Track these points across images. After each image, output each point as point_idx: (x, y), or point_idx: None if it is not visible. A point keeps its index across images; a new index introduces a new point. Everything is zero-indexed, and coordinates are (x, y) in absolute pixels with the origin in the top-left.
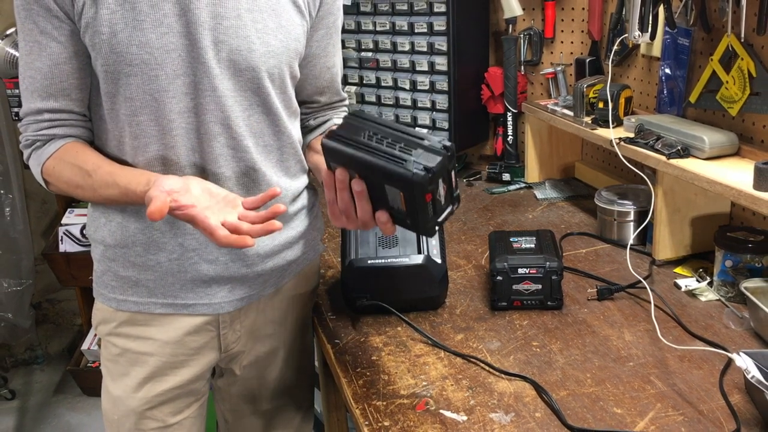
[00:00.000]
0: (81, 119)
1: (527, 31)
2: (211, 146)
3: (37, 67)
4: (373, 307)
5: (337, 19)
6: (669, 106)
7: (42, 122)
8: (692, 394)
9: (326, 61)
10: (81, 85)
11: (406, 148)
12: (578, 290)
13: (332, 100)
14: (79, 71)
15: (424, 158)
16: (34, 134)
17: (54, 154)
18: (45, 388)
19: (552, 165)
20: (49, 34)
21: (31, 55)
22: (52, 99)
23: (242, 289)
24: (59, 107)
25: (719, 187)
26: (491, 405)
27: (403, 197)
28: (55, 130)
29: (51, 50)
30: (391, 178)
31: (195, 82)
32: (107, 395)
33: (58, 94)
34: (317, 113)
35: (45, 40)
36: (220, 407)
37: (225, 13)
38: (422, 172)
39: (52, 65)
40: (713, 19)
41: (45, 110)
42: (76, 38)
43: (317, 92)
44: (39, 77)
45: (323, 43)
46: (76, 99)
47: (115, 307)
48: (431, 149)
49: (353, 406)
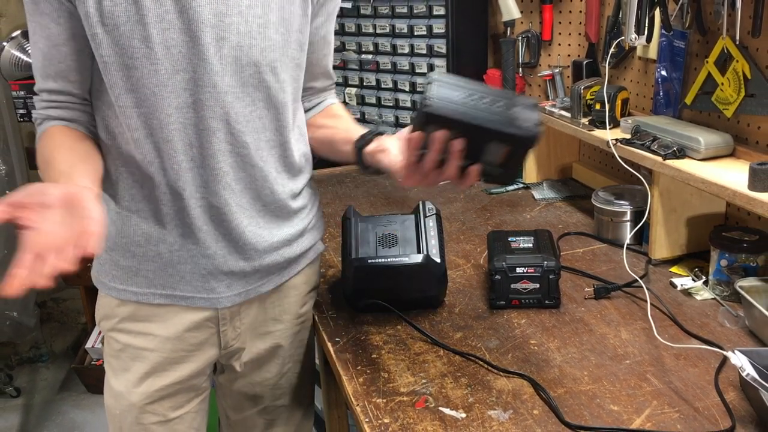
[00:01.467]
0: (78, 102)
1: (525, 34)
2: (209, 141)
3: (39, 47)
4: (373, 306)
5: (336, 6)
6: (665, 108)
7: (41, 101)
8: (688, 392)
9: (323, 47)
10: (79, 68)
11: (507, 107)
12: (575, 289)
13: (325, 85)
14: (77, 53)
15: (525, 114)
16: (37, 113)
17: (41, 136)
18: (50, 385)
19: (549, 166)
20: (48, 15)
21: (34, 35)
22: (50, 80)
23: (240, 284)
24: (57, 88)
25: (715, 187)
26: (490, 402)
27: (507, 152)
28: (50, 111)
29: (50, 31)
30: (501, 136)
31: (195, 78)
32: (109, 390)
33: (56, 75)
34: (310, 97)
35: (44, 20)
36: (222, 403)
37: (227, 11)
38: (534, 128)
39: (50, 46)
40: (708, 22)
41: (44, 90)
42: (75, 20)
43: (311, 78)
44: (40, 57)
45: (322, 31)
46: (75, 81)
47: (115, 296)
48: (526, 105)
49: (354, 403)
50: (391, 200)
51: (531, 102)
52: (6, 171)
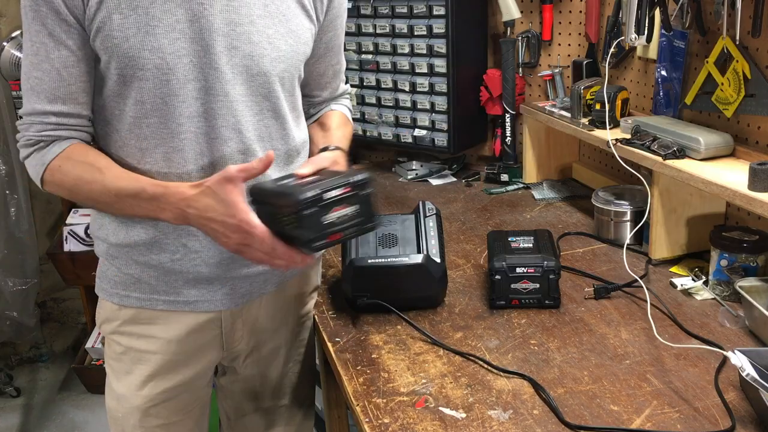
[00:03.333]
0: (86, 123)
1: (525, 34)
2: (221, 150)
3: (45, 69)
4: (374, 306)
5: (344, 19)
6: (665, 108)
7: (48, 124)
8: (688, 392)
9: (331, 59)
10: (87, 89)
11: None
12: (575, 289)
13: (333, 95)
14: (86, 75)
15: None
16: (38, 135)
17: (60, 154)
18: (50, 385)
19: (549, 166)
20: (56, 37)
21: (38, 56)
22: (59, 102)
23: (243, 287)
24: (67, 111)
25: (715, 187)
26: (490, 402)
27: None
28: (61, 132)
29: (59, 53)
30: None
31: (206, 87)
32: (111, 393)
33: (66, 98)
34: (317, 105)
35: (53, 43)
36: (223, 405)
37: (239, 20)
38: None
39: (60, 68)
40: (708, 22)
41: (52, 113)
42: (84, 42)
43: (319, 88)
44: (47, 80)
45: (331, 44)
46: (83, 103)
47: (117, 302)
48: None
49: (354, 403)
50: (391, 200)
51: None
52: (6, 171)
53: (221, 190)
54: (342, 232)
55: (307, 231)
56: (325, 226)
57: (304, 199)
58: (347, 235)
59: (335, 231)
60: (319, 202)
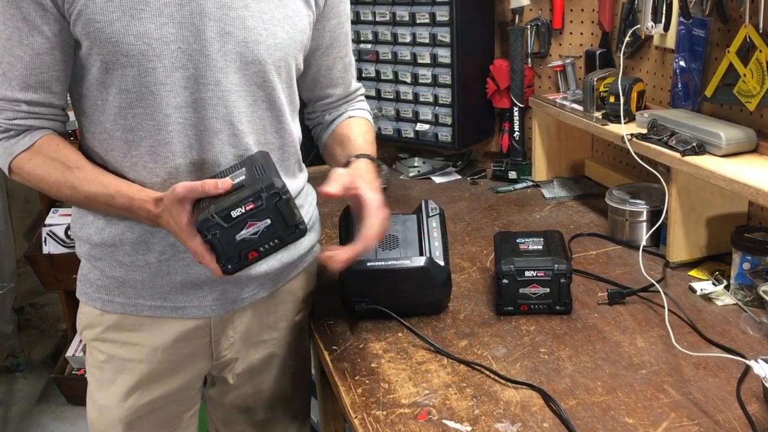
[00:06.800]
0: (59, 113)
1: (534, 22)
2: (211, 143)
3: (17, 55)
4: (373, 312)
5: (347, 6)
6: (683, 101)
7: (18, 112)
8: (708, 404)
9: (339, 50)
10: (61, 78)
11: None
12: (588, 294)
13: (347, 92)
14: (62, 63)
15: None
16: (8, 122)
17: (31, 147)
18: (27, 396)
19: (560, 162)
20: (31, 22)
21: (10, 40)
22: (31, 90)
23: (234, 292)
24: (38, 100)
25: (736, 185)
26: (497, 415)
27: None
28: (32, 122)
29: (33, 39)
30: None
31: (196, 75)
32: (93, 404)
33: (38, 86)
34: (332, 109)
35: (27, 28)
36: (212, 418)
37: (232, 3)
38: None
39: (33, 55)
40: (730, 9)
41: (23, 101)
42: (61, 29)
43: (331, 85)
44: (19, 66)
45: (336, 33)
46: (57, 92)
47: (100, 307)
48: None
49: (352, 415)
50: (392, 199)
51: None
52: None
53: (174, 211)
54: (256, 251)
55: (219, 254)
56: (238, 245)
57: (198, 223)
58: (265, 251)
59: (250, 249)
60: (220, 224)
